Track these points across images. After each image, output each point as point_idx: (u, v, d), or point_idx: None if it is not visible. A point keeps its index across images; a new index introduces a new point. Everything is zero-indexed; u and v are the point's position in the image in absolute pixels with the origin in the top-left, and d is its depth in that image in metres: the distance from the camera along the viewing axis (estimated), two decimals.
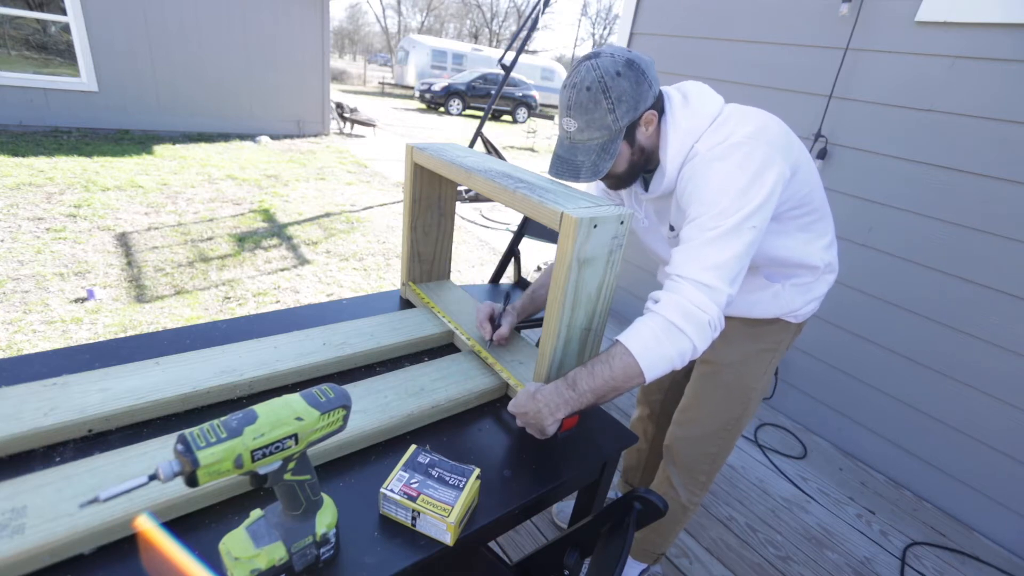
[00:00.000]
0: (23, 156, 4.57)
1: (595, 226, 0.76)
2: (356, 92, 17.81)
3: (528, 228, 2.09)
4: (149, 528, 0.58)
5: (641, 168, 0.98)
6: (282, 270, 3.19)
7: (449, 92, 14.28)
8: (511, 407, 0.85)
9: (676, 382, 1.41)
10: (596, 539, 0.78)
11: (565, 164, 0.93)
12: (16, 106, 5.41)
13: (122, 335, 2.17)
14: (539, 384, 0.84)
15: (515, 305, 1.10)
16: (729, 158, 0.85)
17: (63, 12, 5.46)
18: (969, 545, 1.72)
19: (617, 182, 1.00)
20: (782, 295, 1.10)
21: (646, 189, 1.04)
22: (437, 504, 0.64)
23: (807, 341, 2.18)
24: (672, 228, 1.02)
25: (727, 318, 1.13)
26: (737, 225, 0.82)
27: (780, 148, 0.88)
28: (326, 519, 0.59)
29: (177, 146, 5.84)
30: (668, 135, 0.92)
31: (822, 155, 2.00)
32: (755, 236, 0.84)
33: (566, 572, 0.83)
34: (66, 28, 5.53)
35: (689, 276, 0.82)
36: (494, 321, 1.06)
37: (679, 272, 0.83)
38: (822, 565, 1.57)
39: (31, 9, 5.44)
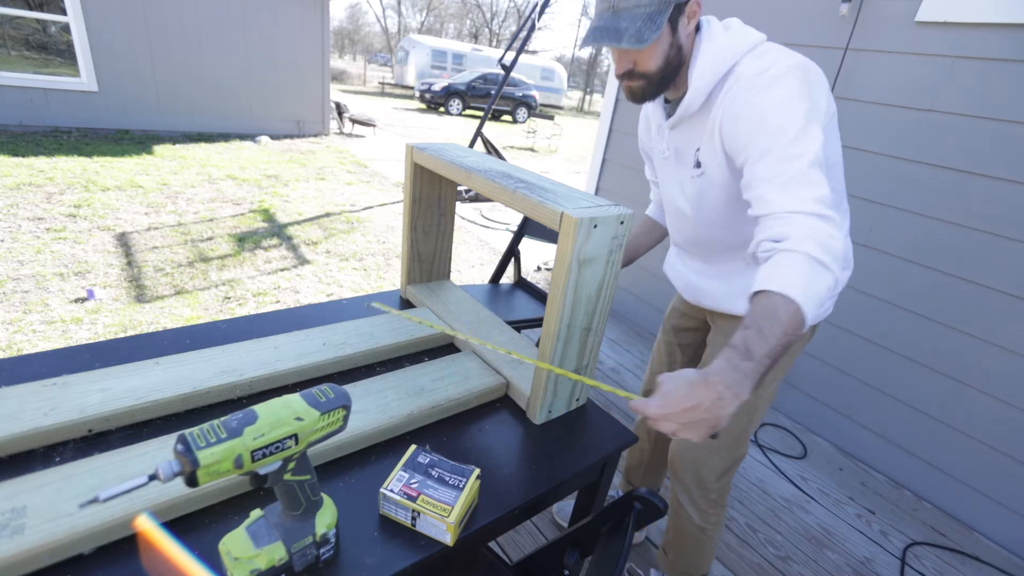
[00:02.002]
0: (23, 156, 4.58)
1: (595, 226, 0.76)
2: (356, 92, 17.81)
3: (528, 228, 2.09)
4: (149, 528, 0.58)
5: (671, 77, 0.90)
6: (282, 270, 3.19)
7: (449, 92, 14.29)
8: (660, 408, 0.64)
9: None
10: (596, 539, 0.78)
11: (604, 31, 0.84)
12: (16, 106, 5.42)
13: (122, 335, 2.17)
14: (691, 370, 0.67)
15: None
16: (785, 82, 0.79)
17: (63, 12, 5.46)
18: (969, 545, 1.72)
19: (644, 85, 0.90)
20: None
21: (667, 117, 0.98)
22: (437, 504, 0.64)
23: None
24: (699, 165, 0.93)
25: (731, 319, 1.11)
26: (816, 154, 0.75)
27: (826, 87, 0.86)
28: (326, 519, 0.59)
29: (177, 146, 5.84)
30: (701, 48, 0.87)
31: None
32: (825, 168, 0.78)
33: (566, 572, 0.83)
34: (66, 28, 5.53)
35: (802, 210, 0.73)
36: None
37: (788, 208, 0.74)
38: (822, 565, 1.57)
39: (31, 9, 5.44)
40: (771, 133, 0.78)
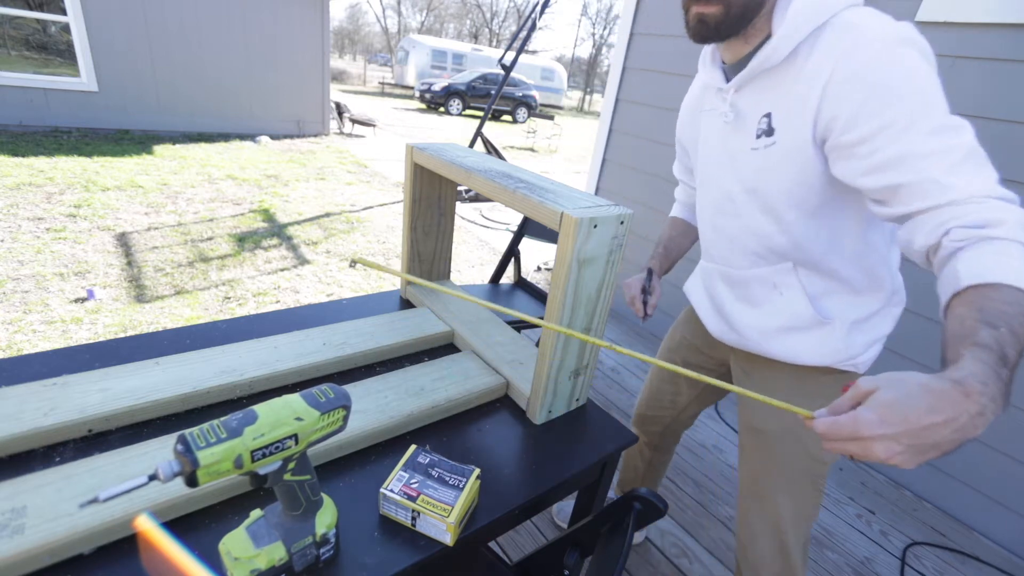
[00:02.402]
0: (23, 156, 4.58)
1: (595, 226, 0.76)
2: (356, 92, 17.81)
3: (528, 228, 2.09)
4: (149, 528, 0.58)
5: (751, 15, 0.74)
6: (282, 270, 3.19)
7: (449, 92, 14.29)
8: (886, 424, 0.47)
9: (677, 420, 1.29)
10: (596, 539, 0.78)
11: None
12: (16, 106, 5.42)
13: (122, 335, 2.17)
14: (921, 374, 0.50)
15: (655, 269, 1.03)
16: (913, 52, 0.65)
17: (63, 12, 5.46)
18: (969, 545, 1.72)
19: (720, 14, 0.73)
20: (834, 335, 0.85)
21: (727, 78, 0.84)
22: (437, 504, 0.64)
23: None
24: (768, 133, 0.77)
25: (767, 364, 0.95)
26: (961, 123, 0.63)
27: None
28: (326, 519, 0.59)
29: (177, 146, 5.84)
30: None
31: None
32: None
33: (566, 572, 0.83)
34: (66, 28, 5.54)
35: (995, 194, 0.60)
36: (645, 292, 0.95)
37: (981, 192, 0.60)
38: (822, 565, 1.57)
39: (31, 9, 5.44)
40: (915, 104, 0.63)
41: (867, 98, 0.65)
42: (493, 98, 4.20)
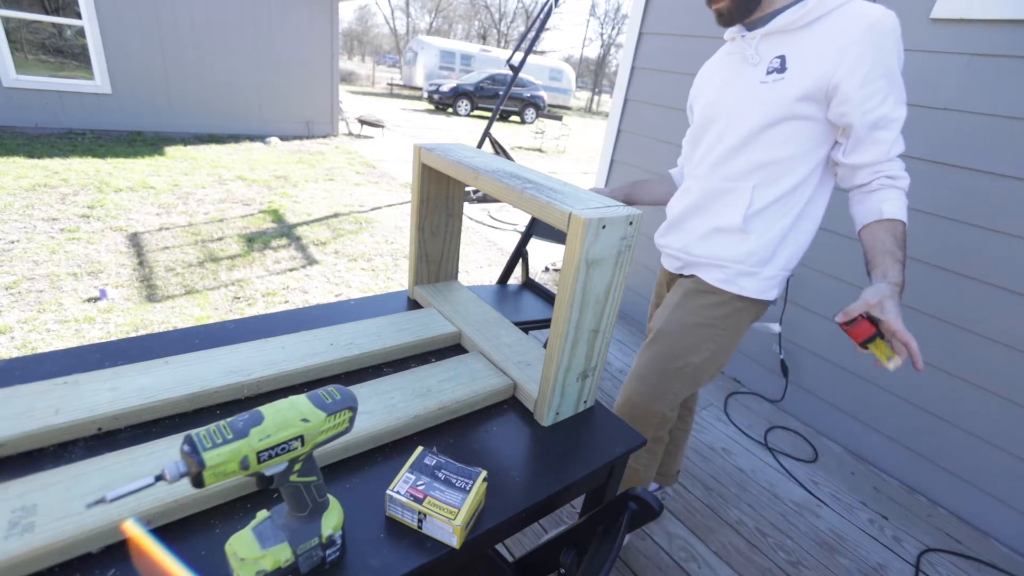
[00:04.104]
0: (38, 158, 4.65)
1: (604, 227, 0.75)
2: (365, 93, 17.91)
3: (536, 229, 2.09)
4: (137, 534, 0.58)
5: (755, 2, 1.01)
6: (291, 270, 3.21)
7: (457, 93, 14.32)
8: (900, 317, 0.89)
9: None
10: (592, 538, 0.77)
11: None
12: (32, 109, 5.51)
13: (133, 334, 2.20)
14: (884, 287, 0.92)
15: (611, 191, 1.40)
16: (897, 37, 0.97)
17: (78, 16, 5.54)
18: (985, 552, 1.69)
19: (732, 5, 1.02)
20: (748, 242, 1.10)
21: (749, 29, 1.07)
22: (443, 506, 0.64)
23: (816, 342, 2.15)
24: (780, 70, 1.00)
25: (683, 279, 1.26)
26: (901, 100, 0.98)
27: None
28: (332, 521, 0.59)
29: (188, 147, 5.90)
30: None
31: None
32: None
33: (562, 571, 0.82)
34: (81, 32, 5.62)
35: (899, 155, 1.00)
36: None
37: (901, 153, 0.99)
38: (834, 571, 1.54)
39: (47, 13, 5.53)
40: (893, 85, 0.96)
41: (873, 68, 0.94)
42: (501, 99, 4.20)
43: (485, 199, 5.49)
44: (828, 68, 0.95)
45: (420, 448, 0.73)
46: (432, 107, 15.43)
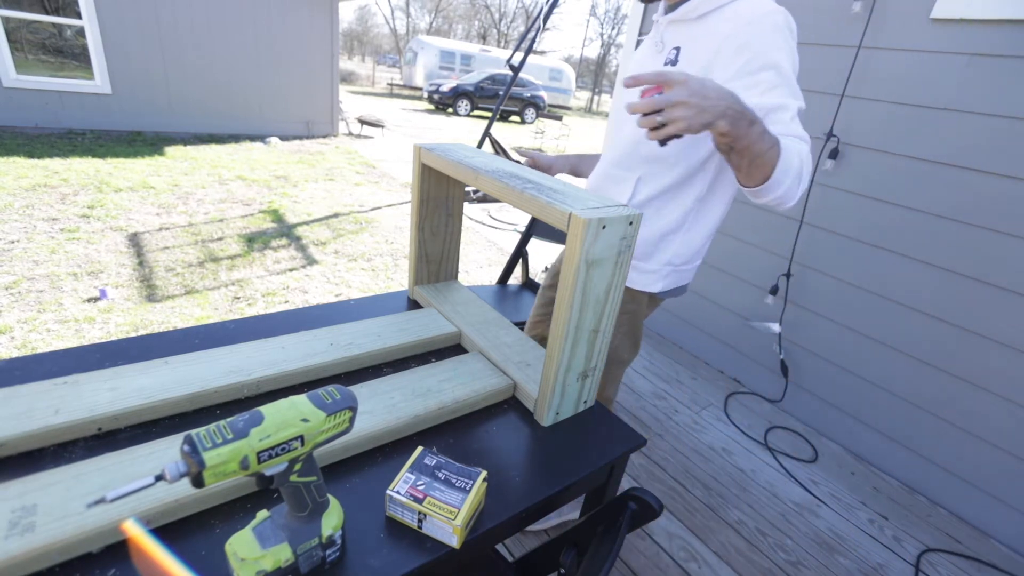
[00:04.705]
0: (39, 158, 4.65)
1: (604, 227, 0.75)
2: (365, 93, 17.91)
3: (536, 229, 2.09)
4: (137, 534, 0.58)
5: None
6: (291, 270, 3.21)
7: (457, 93, 14.32)
8: (691, 82, 0.73)
9: None
10: (591, 538, 0.77)
11: None
12: (32, 109, 5.51)
13: (133, 334, 2.20)
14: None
15: (558, 161, 1.27)
16: (786, 31, 0.95)
17: (78, 16, 5.54)
18: (985, 552, 1.69)
19: None
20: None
21: (665, 12, 1.09)
22: (443, 507, 0.64)
23: (816, 342, 2.15)
24: (674, 63, 1.03)
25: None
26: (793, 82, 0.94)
27: None
28: (332, 521, 0.59)
29: (188, 147, 5.90)
30: None
31: (834, 155, 1.98)
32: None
33: (562, 571, 0.82)
34: (81, 32, 5.62)
35: (799, 136, 0.92)
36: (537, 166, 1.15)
37: (800, 135, 0.92)
38: (834, 571, 1.54)
39: (47, 13, 5.53)
40: (782, 78, 0.92)
41: (751, 60, 0.92)
42: (501, 99, 4.20)
43: (485, 199, 5.49)
44: (706, 62, 0.95)
45: (420, 448, 0.73)
46: (432, 107, 15.43)
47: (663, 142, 0.79)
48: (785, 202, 0.89)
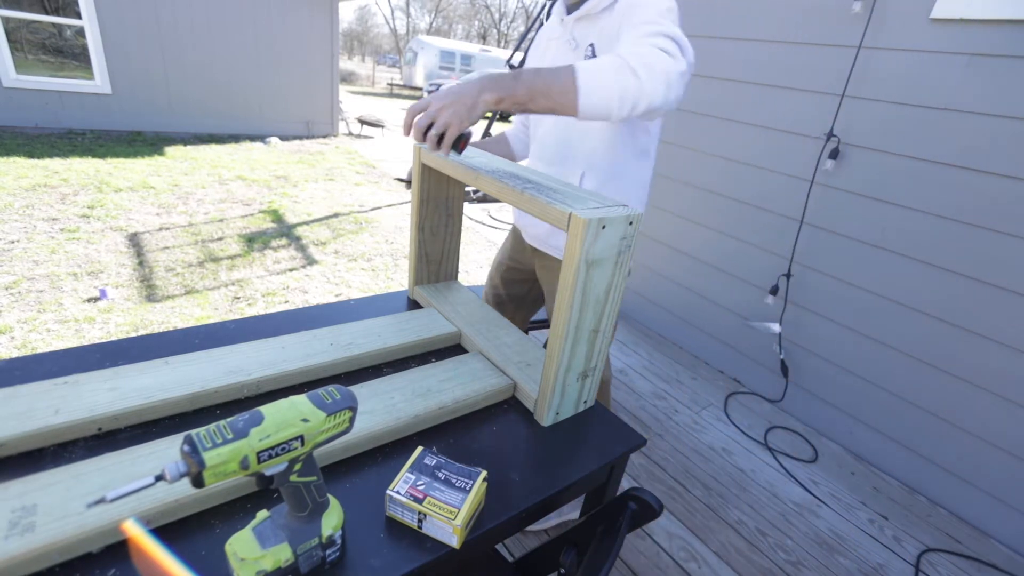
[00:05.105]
0: (39, 158, 4.65)
1: (603, 227, 0.75)
2: (365, 93, 17.90)
3: None
4: (138, 534, 0.58)
5: None
6: (291, 270, 3.21)
7: None
8: (421, 101, 0.81)
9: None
10: (592, 538, 0.77)
11: None
12: (32, 109, 5.51)
13: (133, 334, 2.20)
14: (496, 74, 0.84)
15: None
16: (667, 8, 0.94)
17: (78, 16, 5.54)
18: (985, 552, 1.69)
19: None
20: None
21: (568, 12, 1.12)
22: (443, 506, 0.64)
23: (816, 342, 2.15)
24: (592, 58, 1.05)
25: (554, 261, 1.28)
26: (678, 34, 0.88)
27: None
28: (332, 521, 0.59)
29: (188, 147, 5.90)
30: None
31: (834, 155, 1.98)
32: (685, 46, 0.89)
33: (562, 571, 0.82)
34: (81, 32, 5.62)
35: (644, 43, 0.84)
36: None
37: (631, 43, 0.86)
38: (834, 571, 1.54)
39: (47, 13, 5.53)
40: (649, 10, 0.92)
41: (630, 16, 0.94)
42: None
43: (485, 199, 5.48)
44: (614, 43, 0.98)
45: (420, 448, 0.73)
46: None
47: (459, 149, 0.86)
48: (649, 104, 0.81)
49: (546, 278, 1.35)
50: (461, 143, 0.86)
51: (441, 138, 0.82)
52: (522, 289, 1.48)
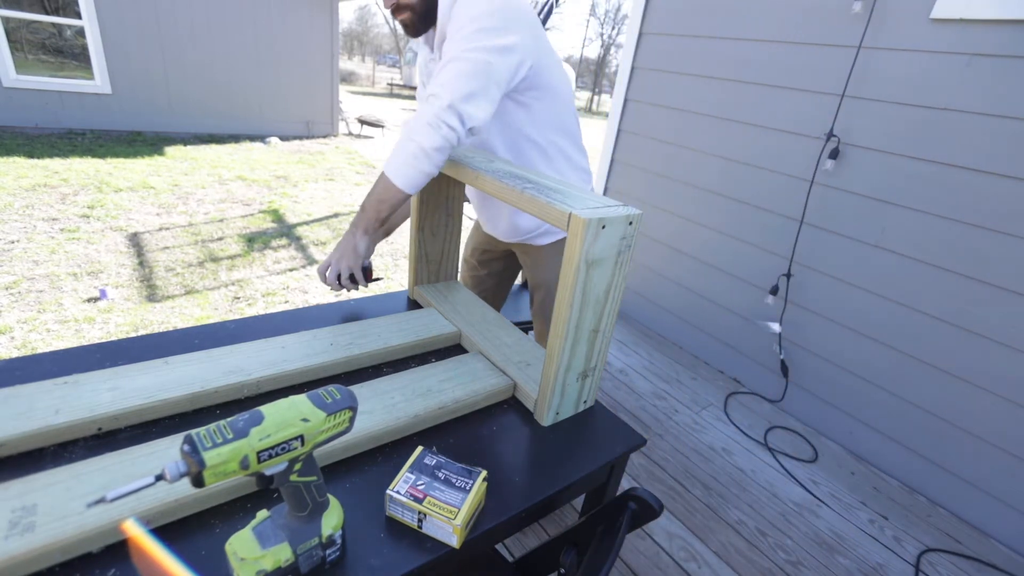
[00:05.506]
0: (39, 158, 4.65)
1: (603, 227, 0.75)
2: (365, 93, 17.90)
3: None
4: (138, 534, 0.58)
5: (433, 9, 1.07)
6: (291, 270, 3.21)
7: None
8: (324, 263, 1.11)
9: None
10: (591, 538, 0.77)
11: None
12: (32, 109, 5.51)
13: (133, 334, 2.20)
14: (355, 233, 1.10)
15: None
16: (482, 5, 0.98)
17: (78, 16, 5.54)
18: (985, 552, 1.69)
19: (412, 17, 1.08)
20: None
21: (433, 50, 1.16)
22: (443, 506, 0.64)
23: (816, 342, 2.15)
24: None
25: (538, 250, 1.34)
26: (472, 49, 0.96)
27: (530, 20, 1.04)
28: (332, 520, 0.59)
29: (188, 147, 5.90)
30: None
31: (834, 155, 1.97)
32: (495, 63, 0.97)
33: (562, 571, 0.82)
34: (81, 32, 5.62)
35: (428, 94, 0.99)
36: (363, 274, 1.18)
37: (430, 93, 0.99)
38: (834, 571, 1.54)
39: (47, 13, 5.53)
40: (454, 28, 0.99)
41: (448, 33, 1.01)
42: None
43: None
44: None
45: (420, 448, 0.73)
46: None
47: (368, 278, 1.18)
48: (430, 147, 0.97)
49: (531, 267, 1.40)
50: (368, 273, 1.17)
51: (352, 277, 1.12)
52: (499, 265, 1.56)
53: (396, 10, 1.08)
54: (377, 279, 1.24)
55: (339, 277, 1.10)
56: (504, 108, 1.10)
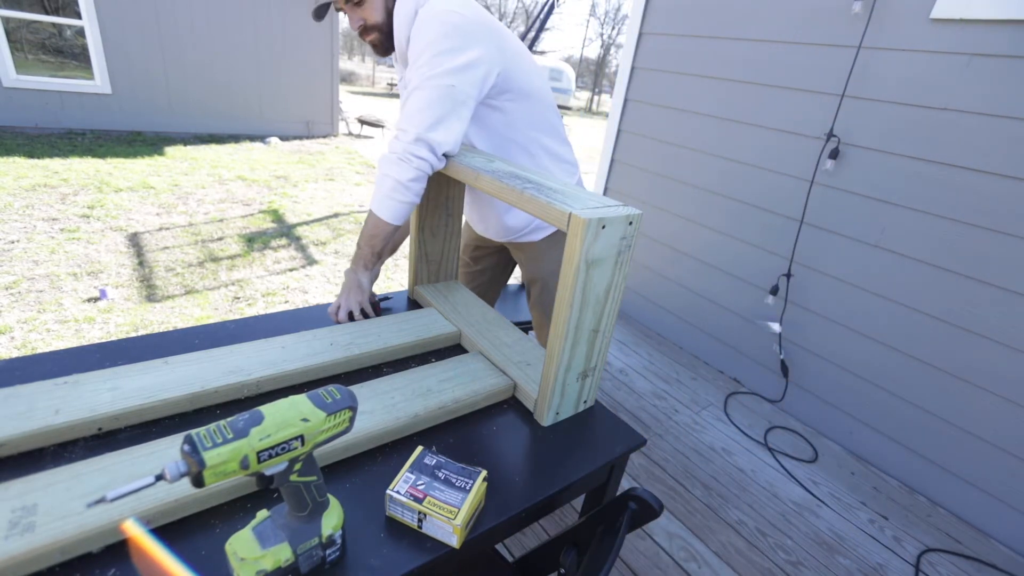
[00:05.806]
0: (38, 158, 4.65)
1: (603, 227, 0.75)
2: (365, 93, 17.90)
3: None
4: (138, 534, 0.58)
5: (394, 37, 1.11)
6: (291, 270, 3.21)
7: None
8: (334, 304, 1.15)
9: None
10: (592, 538, 0.77)
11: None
12: (32, 109, 5.51)
13: (133, 334, 2.20)
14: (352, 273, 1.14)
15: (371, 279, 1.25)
16: (440, 18, 1.00)
17: (78, 16, 5.54)
18: (985, 552, 1.69)
19: (380, 37, 1.11)
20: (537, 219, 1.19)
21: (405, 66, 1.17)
22: (443, 506, 0.64)
23: (816, 342, 2.15)
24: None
25: (532, 246, 1.36)
26: (433, 75, 0.99)
27: (490, 30, 1.05)
28: (332, 520, 0.59)
29: (188, 147, 5.90)
30: (398, 3, 1.08)
31: (834, 155, 1.97)
32: (458, 84, 0.99)
33: (562, 571, 0.82)
34: (81, 32, 5.62)
35: (395, 127, 1.03)
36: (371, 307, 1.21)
37: (397, 127, 1.03)
38: (834, 571, 1.54)
39: (47, 13, 5.53)
40: (413, 55, 1.01)
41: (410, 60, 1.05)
42: None
43: None
44: None
45: (420, 448, 0.73)
46: None
47: (377, 311, 1.19)
48: (405, 179, 1.01)
49: (526, 262, 1.41)
50: (376, 306, 1.20)
51: (363, 312, 1.15)
52: (492, 260, 1.58)
53: (364, 32, 1.11)
54: (386, 298, 1.27)
55: (351, 314, 1.13)
56: (480, 113, 1.12)
